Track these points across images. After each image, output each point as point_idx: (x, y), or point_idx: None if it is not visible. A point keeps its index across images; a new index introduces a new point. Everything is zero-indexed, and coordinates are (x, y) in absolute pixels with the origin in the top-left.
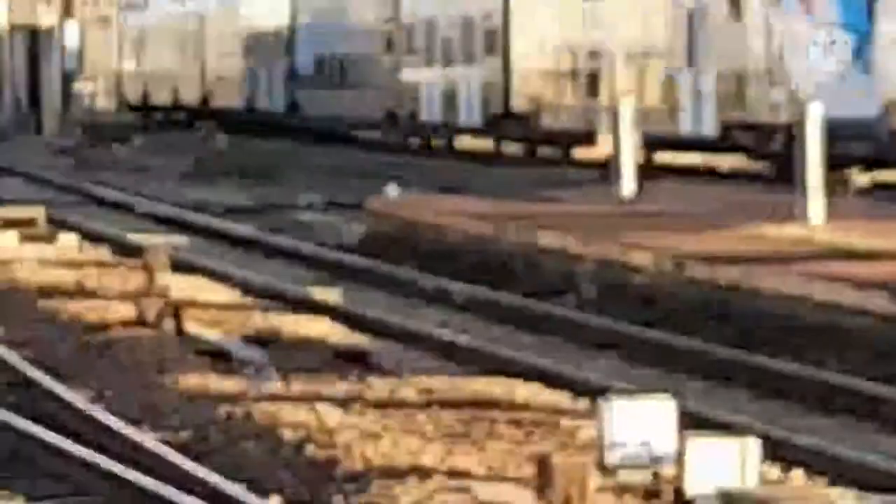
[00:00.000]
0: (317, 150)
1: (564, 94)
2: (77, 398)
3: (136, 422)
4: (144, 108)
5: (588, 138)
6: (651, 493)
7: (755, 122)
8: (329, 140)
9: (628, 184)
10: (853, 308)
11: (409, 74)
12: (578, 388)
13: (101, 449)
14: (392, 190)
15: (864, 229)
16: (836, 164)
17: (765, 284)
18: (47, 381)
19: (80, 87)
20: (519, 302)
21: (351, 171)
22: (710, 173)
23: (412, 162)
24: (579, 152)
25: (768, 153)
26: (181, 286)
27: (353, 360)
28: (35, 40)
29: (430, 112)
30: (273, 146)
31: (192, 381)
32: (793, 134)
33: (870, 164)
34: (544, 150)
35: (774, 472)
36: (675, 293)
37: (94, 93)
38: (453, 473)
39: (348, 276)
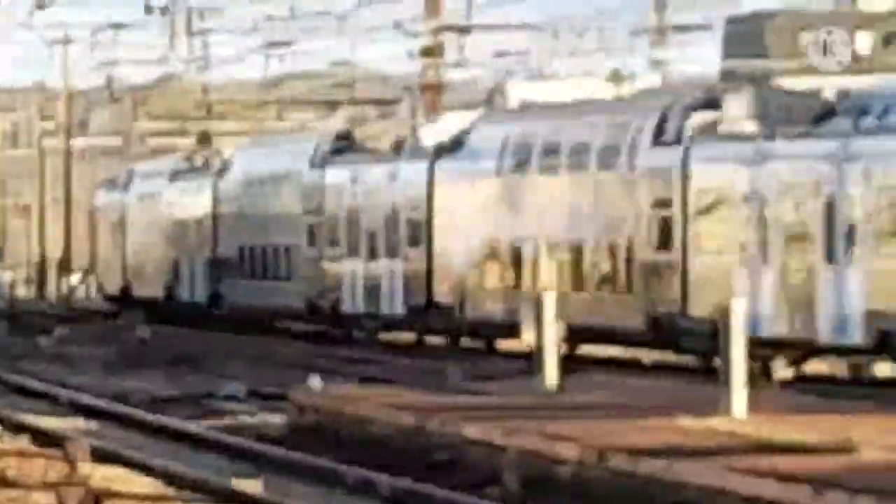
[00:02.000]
0: (240, 340)
1: (487, 286)
2: None
3: None
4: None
5: (511, 330)
6: None
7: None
8: (251, 330)
9: (551, 375)
10: (776, 502)
11: (331, 266)
12: None
13: None
14: (315, 381)
15: (787, 422)
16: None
17: (687, 477)
18: None
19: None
20: (444, 494)
21: (274, 361)
22: (636, 365)
23: (335, 353)
24: (503, 344)
25: (694, 347)
26: (103, 476)
27: None
28: None
29: (353, 303)
30: (196, 336)
31: None
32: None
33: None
34: (467, 342)
35: None
36: (598, 485)
37: (14, 282)
38: None
39: (271, 467)
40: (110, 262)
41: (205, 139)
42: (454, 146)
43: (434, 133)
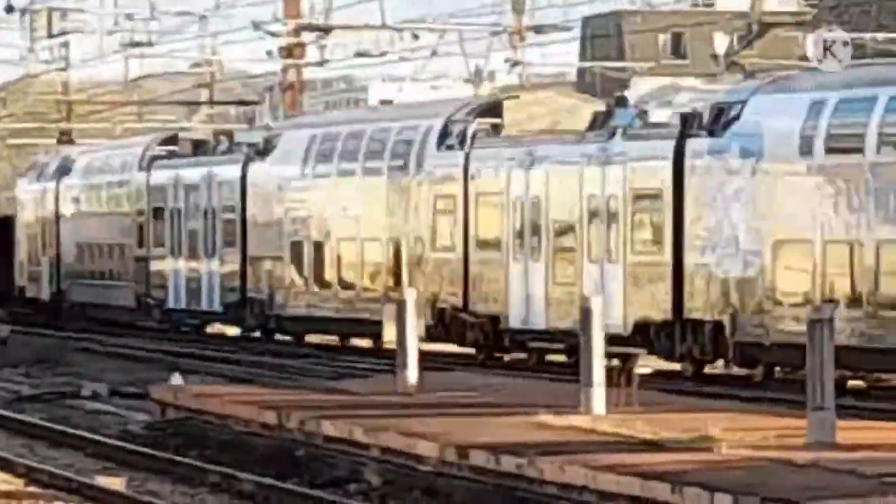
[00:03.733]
0: (96, 339)
1: (293, 283)
2: None
3: None
4: None
5: (318, 324)
6: None
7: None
8: (104, 329)
9: (412, 373)
10: (637, 498)
11: (157, 265)
12: None
13: None
14: (177, 379)
15: (645, 420)
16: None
17: (549, 474)
18: None
19: None
20: (305, 491)
21: (135, 360)
22: (495, 364)
23: (196, 351)
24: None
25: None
26: None
27: None
28: None
29: (177, 300)
30: (54, 335)
31: None
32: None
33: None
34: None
35: None
36: (459, 482)
37: None
38: None
39: (134, 465)
40: None
41: (66, 139)
42: (266, 149)
43: (248, 136)
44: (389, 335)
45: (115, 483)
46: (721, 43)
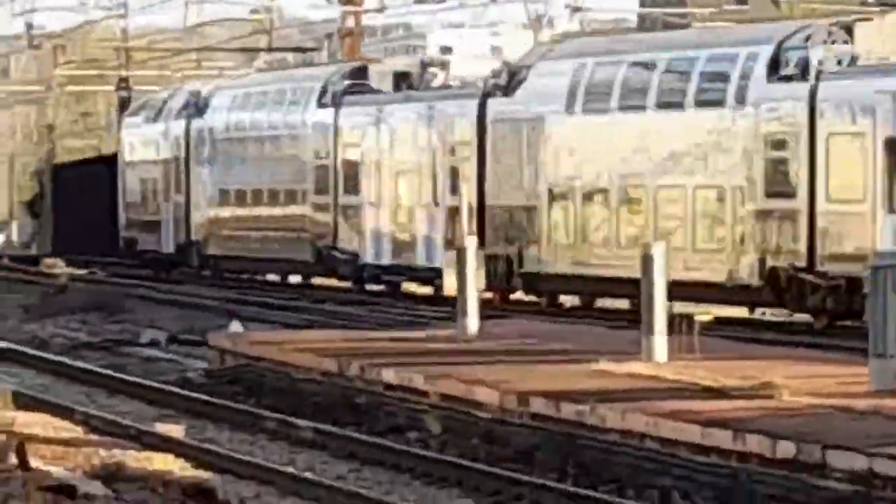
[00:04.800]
0: (153, 286)
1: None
2: None
3: None
4: None
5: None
6: None
7: None
8: (166, 278)
9: (472, 321)
10: (697, 445)
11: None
12: None
13: None
14: (236, 326)
15: (706, 368)
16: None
17: (609, 422)
18: None
19: None
20: (364, 438)
21: (194, 307)
22: (556, 312)
23: (253, 299)
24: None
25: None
26: (25, 422)
27: (198, 496)
28: None
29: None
30: (113, 283)
31: None
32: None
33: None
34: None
35: None
36: (520, 430)
37: None
38: None
39: (193, 412)
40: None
41: (124, 86)
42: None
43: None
44: (449, 282)
45: (174, 430)
46: None
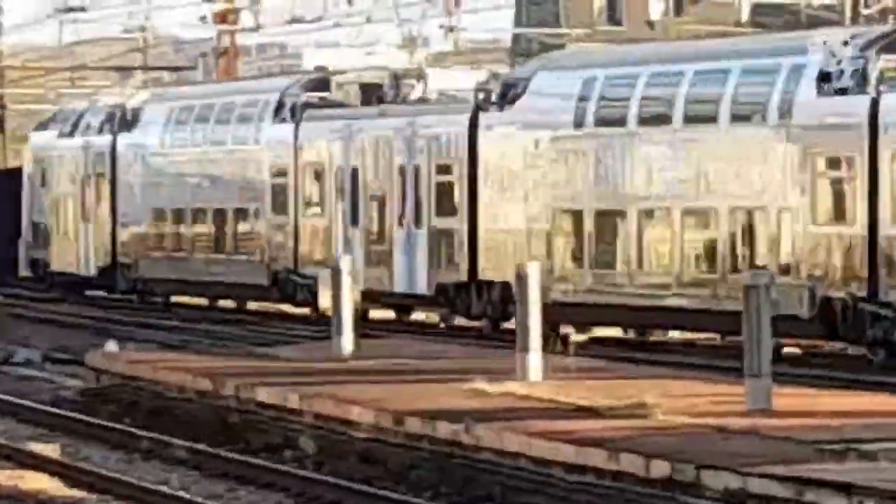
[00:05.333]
0: (33, 305)
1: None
2: None
3: None
4: None
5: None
6: None
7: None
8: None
9: (348, 340)
10: (571, 465)
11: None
12: None
13: None
14: (111, 346)
15: (581, 387)
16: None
17: (485, 441)
18: None
19: None
20: (239, 458)
21: (70, 326)
22: (429, 330)
23: (130, 318)
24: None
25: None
26: None
27: None
28: None
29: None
30: None
31: None
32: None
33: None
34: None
35: None
36: (395, 449)
37: None
38: None
39: (68, 431)
40: None
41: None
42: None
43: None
44: (324, 301)
45: (48, 449)
46: (656, 9)
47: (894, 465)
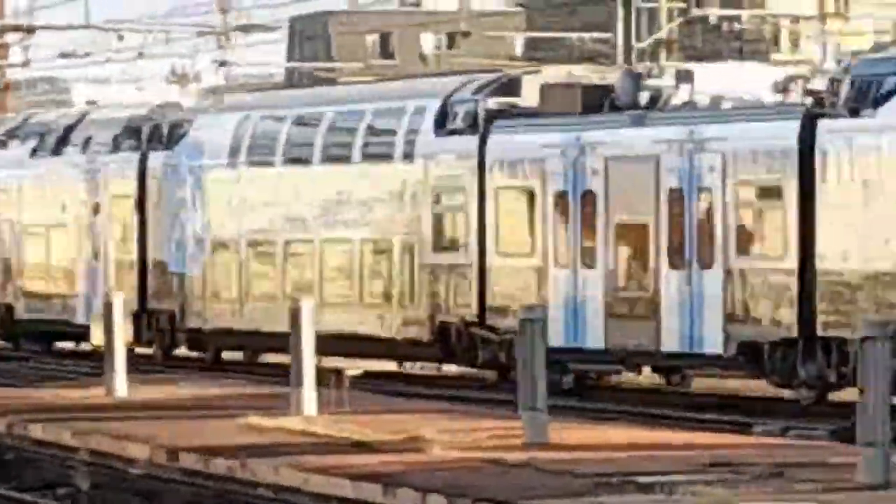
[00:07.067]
0: None
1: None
2: None
3: None
4: None
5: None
6: None
7: None
8: None
9: (121, 376)
10: (349, 500)
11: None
12: None
13: None
14: None
15: (357, 421)
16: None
17: (261, 476)
18: None
19: None
20: (13, 495)
21: None
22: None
23: None
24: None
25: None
26: None
27: None
28: None
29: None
30: None
31: None
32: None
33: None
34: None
35: None
36: (171, 485)
37: None
38: None
39: None
40: None
41: None
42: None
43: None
44: (97, 338)
45: None
46: (429, 43)
47: (671, 498)
